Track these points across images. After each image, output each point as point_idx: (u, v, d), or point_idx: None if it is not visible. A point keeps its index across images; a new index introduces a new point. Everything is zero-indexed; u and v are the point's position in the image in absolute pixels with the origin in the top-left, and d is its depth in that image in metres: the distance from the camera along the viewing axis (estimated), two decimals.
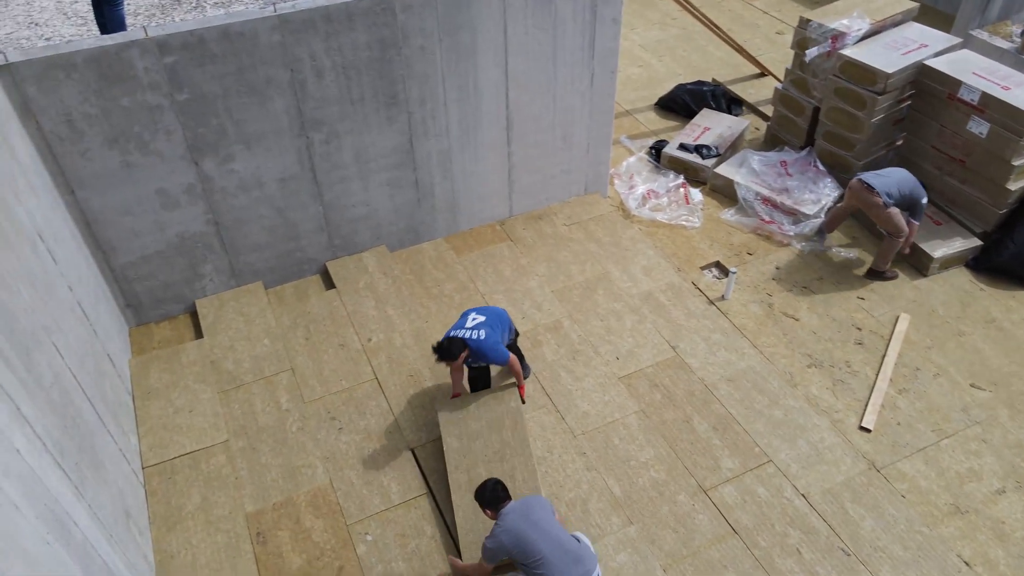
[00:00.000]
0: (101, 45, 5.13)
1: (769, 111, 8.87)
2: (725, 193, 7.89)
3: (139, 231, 5.98)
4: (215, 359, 6.14)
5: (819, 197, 7.47)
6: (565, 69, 6.77)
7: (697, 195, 7.79)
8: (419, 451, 5.51)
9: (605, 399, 5.87)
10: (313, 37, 5.66)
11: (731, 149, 8.34)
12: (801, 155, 7.93)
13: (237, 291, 6.66)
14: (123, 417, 5.43)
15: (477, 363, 5.32)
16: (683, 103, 9.16)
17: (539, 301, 6.68)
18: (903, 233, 6.62)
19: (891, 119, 7.47)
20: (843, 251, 7.18)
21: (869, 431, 5.68)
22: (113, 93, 5.30)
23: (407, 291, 6.71)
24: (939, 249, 6.91)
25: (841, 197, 7.52)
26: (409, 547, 4.98)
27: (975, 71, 6.93)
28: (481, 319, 5.24)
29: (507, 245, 7.25)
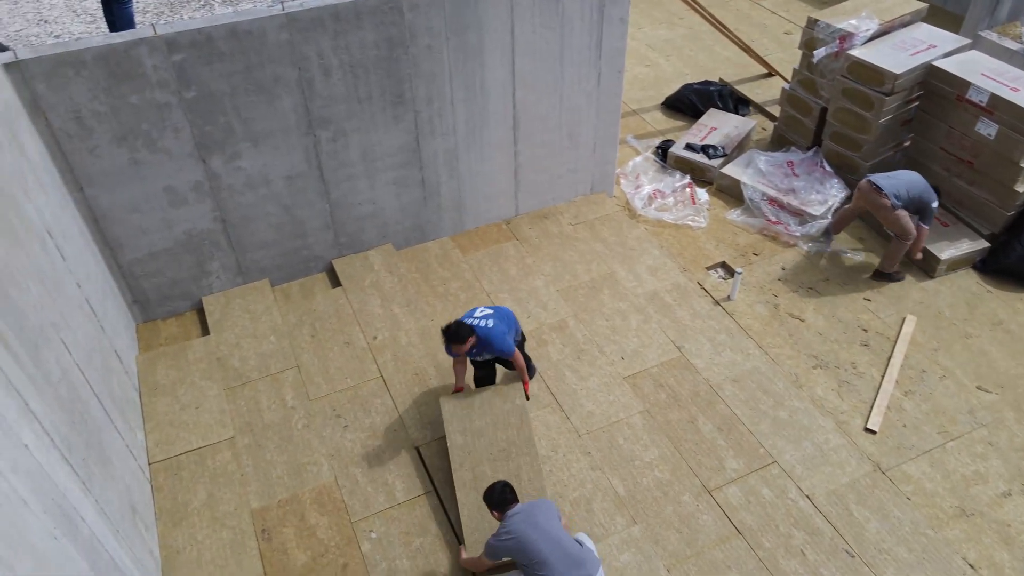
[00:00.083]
0: (110, 43, 5.15)
1: (776, 111, 8.85)
2: (731, 193, 7.88)
3: (147, 228, 6.01)
4: (221, 356, 6.16)
5: (826, 198, 7.45)
6: (572, 68, 6.77)
7: (703, 195, 7.78)
8: (424, 449, 5.53)
9: (610, 399, 5.88)
10: (321, 36, 5.67)
11: (738, 149, 8.32)
12: (808, 156, 7.91)
13: (244, 288, 6.69)
14: (130, 413, 5.46)
15: (482, 356, 5.32)
16: (690, 103, 9.15)
17: (544, 300, 6.69)
18: (911, 236, 6.60)
19: (899, 120, 7.44)
20: (850, 252, 7.17)
21: (874, 433, 5.67)
22: (122, 91, 5.33)
23: (413, 289, 6.72)
24: (946, 251, 6.89)
25: (848, 198, 7.51)
26: (413, 545, 5.00)
27: (984, 72, 6.90)
28: (489, 312, 5.28)
29: (513, 244, 7.26)
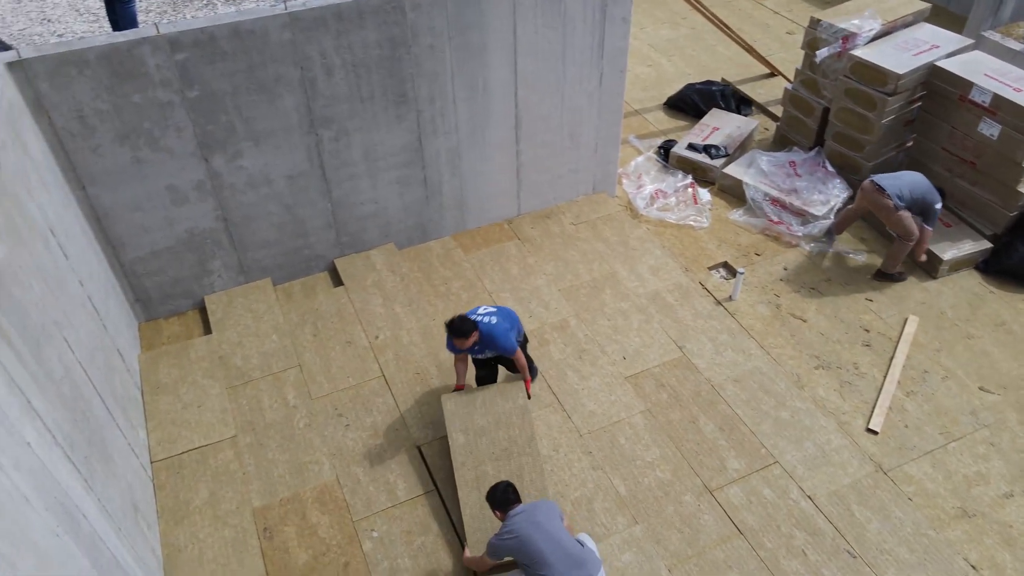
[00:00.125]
0: (113, 42, 5.16)
1: (778, 111, 8.85)
2: (733, 193, 7.88)
3: (149, 227, 6.02)
4: (223, 355, 6.17)
5: (828, 198, 7.44)
6: (574, 68, 6.77)
7: (705, 195, 7.78)
8: (425, 448, 5.53)
9: (611, 398, 5.88)
10: (323, 35, 5.68)
11: (740, 149, 8.32)
12: (810, 156, 7.91)
13: (246, 287, 6.69)
14: (132, 412, 5.47)
15: (484, 354, 5.33)
16: (692, 103, 9.15)
17: (546, 300, 6.69)
18: (913, 237, 6.59)
19: (901, 120, 7.43)
20: (852, 253, 7.16)
21: (876, 433, 5.67)
22: (124, 90, 5.34)
23: (415, 289, 6.72)
24: (949, 251, 6.88)
25: (850, 198, 7.50)
26: (415, 544, 5.00)
27: (987, 73, 6.89)
28: (492, 310, 5.30)
29: (515, 244, 7.26)
